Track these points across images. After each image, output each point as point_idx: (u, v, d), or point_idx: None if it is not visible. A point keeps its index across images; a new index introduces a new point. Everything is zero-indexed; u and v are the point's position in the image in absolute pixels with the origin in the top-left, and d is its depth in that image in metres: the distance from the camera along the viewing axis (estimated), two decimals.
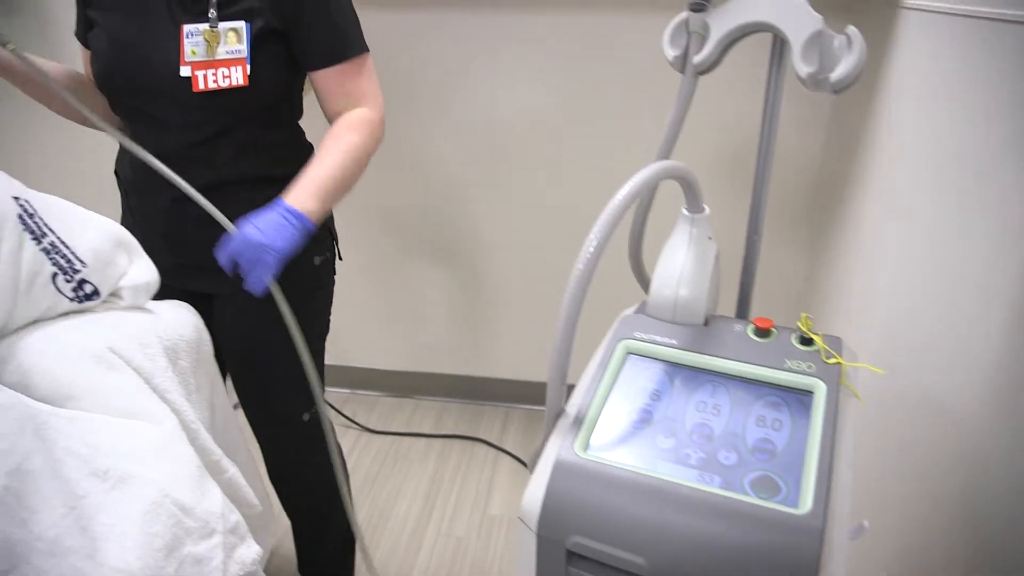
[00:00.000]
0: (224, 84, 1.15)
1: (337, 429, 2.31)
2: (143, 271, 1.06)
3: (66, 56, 1.39)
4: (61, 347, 0.92)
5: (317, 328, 1.41)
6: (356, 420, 2.36)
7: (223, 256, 1.09)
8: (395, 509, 2.03)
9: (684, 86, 1.08)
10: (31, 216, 0.94)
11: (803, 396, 0.91)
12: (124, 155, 1.31)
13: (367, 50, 1.25)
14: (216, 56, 1.15)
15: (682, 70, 1.08)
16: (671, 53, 1.09)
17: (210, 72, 1.15)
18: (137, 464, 0.85)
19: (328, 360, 1.47)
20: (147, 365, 0.97)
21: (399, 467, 2.20)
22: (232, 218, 1.12)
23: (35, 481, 0.74)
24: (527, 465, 2.14)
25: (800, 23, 0.96)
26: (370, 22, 1.28)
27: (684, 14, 1.06)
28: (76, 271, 0.97)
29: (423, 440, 2.31)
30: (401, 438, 2.31)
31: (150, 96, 1.19)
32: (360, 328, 2.40)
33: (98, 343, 0.93)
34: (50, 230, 0.95)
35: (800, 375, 0.92)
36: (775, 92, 1.07)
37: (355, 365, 2.47)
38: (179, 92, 1.16)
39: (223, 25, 1.15)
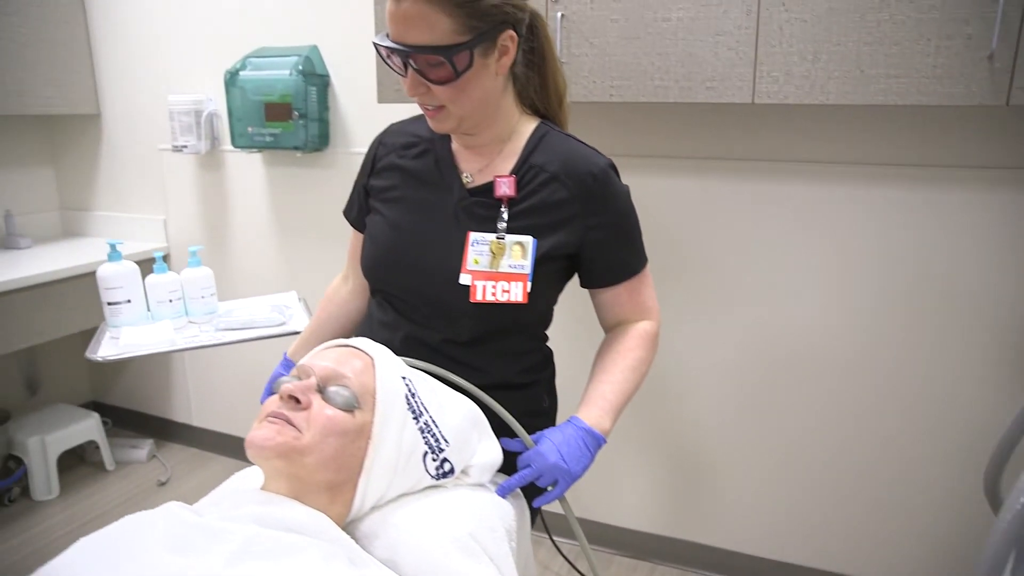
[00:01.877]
0: (503, 299, 1.11)
1: None
2: (491, 451, 1.10)
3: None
4: (428, 529, 0.95)
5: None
6: None
7: (525, 471, 1.09)
8: None
9: None
10: (413, 396, 1.00)
11: None
12: (366, 328, 1.29)
13: (648, 259, 1.23)
14: (499, 268, 1.11)
15: None
16: None
17: (490, 284, 1.11)
18: None
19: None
20: (498, 553, 0.98)
21: None
22: None
23: None
24: None
25: None
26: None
27: None
28: (441, 450, 1.01)
29: None
30: None
31: (419, 295, 1.17)
32: (599, 482, 2.35)
33: (460, 528, 0.95)
34: (425, 409, 1.00)
35: None
36: None
37: (592, 519, 2.41)
38: (453, 298, 1.12)
39: (510, 238, 1.11)
